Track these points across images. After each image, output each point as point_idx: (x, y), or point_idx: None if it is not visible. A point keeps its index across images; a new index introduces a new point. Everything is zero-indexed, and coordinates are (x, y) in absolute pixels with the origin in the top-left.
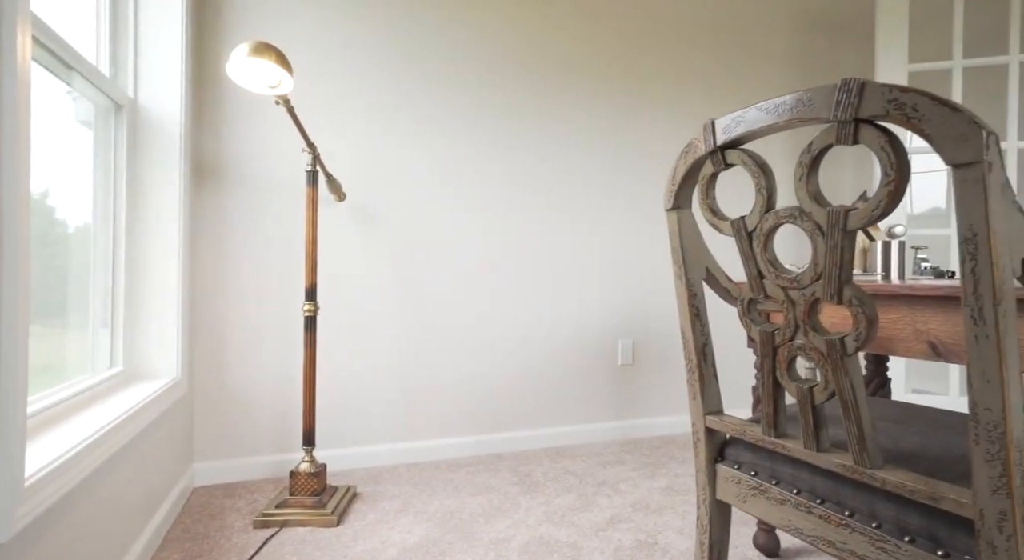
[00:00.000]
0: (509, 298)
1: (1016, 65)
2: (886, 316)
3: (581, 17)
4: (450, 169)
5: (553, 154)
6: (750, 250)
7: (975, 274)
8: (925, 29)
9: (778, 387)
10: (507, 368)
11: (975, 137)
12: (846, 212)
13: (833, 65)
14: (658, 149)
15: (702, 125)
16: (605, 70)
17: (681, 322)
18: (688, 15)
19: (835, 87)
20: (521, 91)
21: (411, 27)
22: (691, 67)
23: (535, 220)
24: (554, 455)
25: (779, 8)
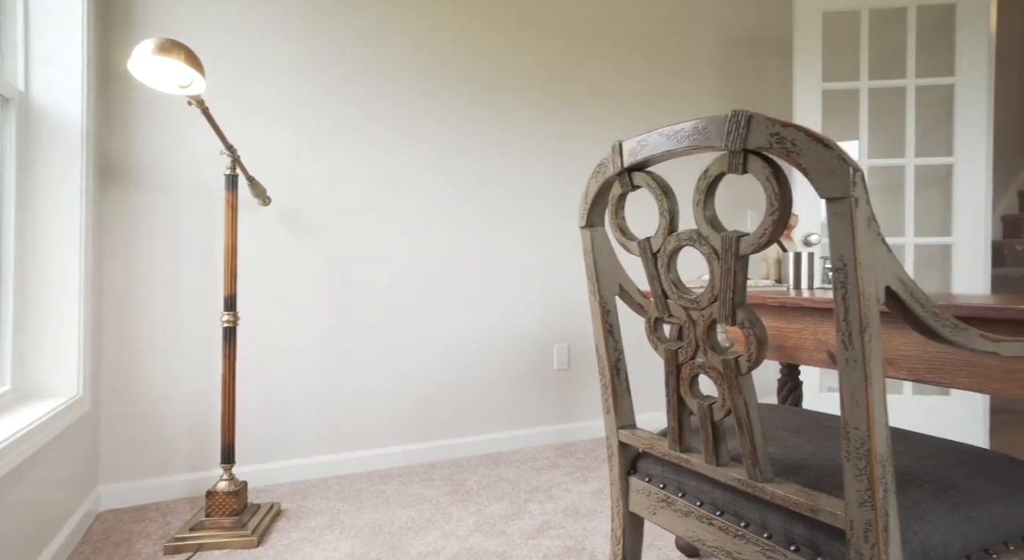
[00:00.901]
0: (445, 304)
1: (912, 88)
2: (792, 327)
3: (520, 28)
4: (384, 175)
5: (491, 161)
6: (655, 270)
7: (845, 302)
8: (839, 50)
9: (683, 403)
10: (442, 375)
11: (844, 173)
12: (737, 238)
13: (759, 78)
14: (595, 157)
15: (611, 146)
16: (543, 80)
17: (595, 338)
18: (624, 28)
19: (726, 118)
20: (459, 99)
21: (346, 32)
22: (627, 78)
23: (471, 226)
24: (490, 462)
25: (708, 24)
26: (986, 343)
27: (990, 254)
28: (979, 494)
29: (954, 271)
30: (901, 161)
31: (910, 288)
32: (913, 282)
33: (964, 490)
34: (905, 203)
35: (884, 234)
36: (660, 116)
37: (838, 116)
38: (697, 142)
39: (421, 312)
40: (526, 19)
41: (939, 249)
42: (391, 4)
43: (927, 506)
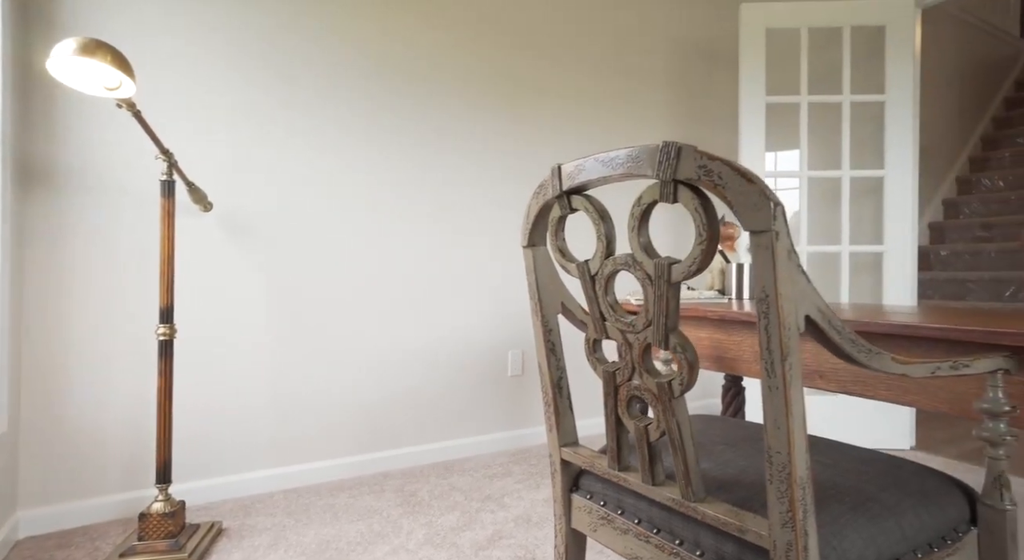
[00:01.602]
0: (397, 311)
1: (848, 104)
2: (731, 339)
3: (470, 32)
4: (332, 180)
5: (442, 165)
6: (593, 293)
7: (767, 331)
8: (783, 65)
9: (621, 423)
10: (394, 383)
11: (765, 207)
12: (669, 265)
13: (709, 88)
14: (547, 163)
15: (550, 169)
16: (495, 85)
17: (538, 357)
18: (575, 34)
19: (658, 148)
20: (410, 104)
21: (290, 35)
22: (581, 84)
23: (423, 232)
24: (442, 470)
25: (659, 34)
26: (897, 366)
27: (916, 260)
28: (892, 505)
29: (885, 277)
30: (838, 173)
31: (828, 317)
32: (831, 311)
33: (880, 502)
34: (842, 213)
35: (824, 242)
36: (614, 122)
37: (782, 127)
38: (631, 170)
39: (372, 319)
40: (480, 23)
41: (872, 256)
42: (338, 5)
43: (846, 520)
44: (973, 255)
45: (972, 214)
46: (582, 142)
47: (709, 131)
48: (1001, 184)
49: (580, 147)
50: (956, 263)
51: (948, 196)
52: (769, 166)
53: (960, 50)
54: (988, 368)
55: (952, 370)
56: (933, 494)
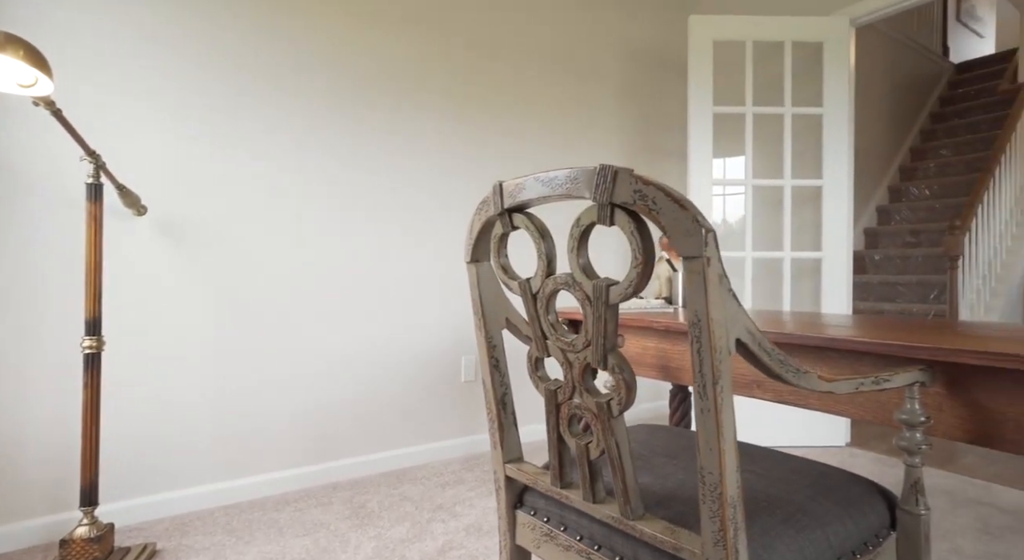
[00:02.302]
0: (344, 317)
1: (789, 116)
2: (676, 349)
3: (421, 33)
4: (275, 183)
5: (392, 168)
6: (535, 311)
7: (700, 355)
8: (731, 76)
9: (563, 441)
10: (344, 391)
11: (697, 234)
12: (607, 287)
13: (660, 95)
14: (499, 167)
15: (492, 186)
16: (447, 89)
17: (481, 373)
18: (530, 38)
19: (595, 171)
20: (356, 107)
21: (227, 34)
22: (532, 89)
23: (373, 236)
24: (394, 480)
25: (612, 42)
26: (823, 384)
27: (852, 266)
28: (819, 515)
29: (823, 282)
30: (780, 182)
31: (758, 339)
32: (761, 333)
33: (808, 513)
34: (784, 220)
35: (768, 249)
36: (568, 125)
37: (730, 135)
38: (570, 191)
39: (319, 326)
40: (431, 23)
41: (812, 261)
42: (280, 4)
43: (776, 533)
44: (903, 260)
45: (902, 221)
46: (536, 145)
47: (660, 137)
48: (927, 193)
49: (534, 150)
50: (888, 267)
51: (881, 203)
52: (719, 171)
53: (892, 67)
54: (906, 381)
55: (874, 385)
56: (857, 502)
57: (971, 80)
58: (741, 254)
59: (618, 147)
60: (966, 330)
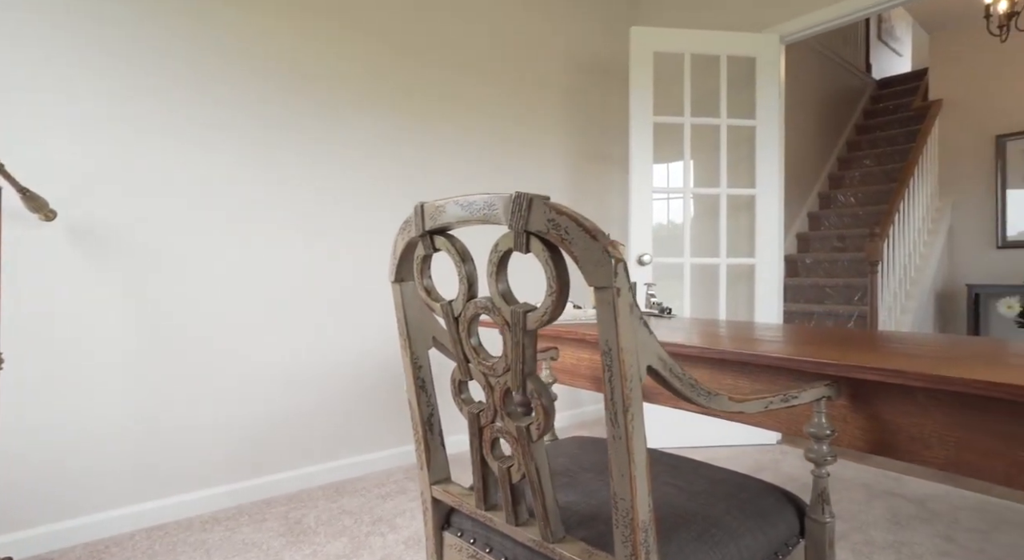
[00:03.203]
0: (280, 326)
1: (725, 127)
2: None
3: (366, 39)
4: (203, 185)
5: (330, 173)
6: (457, 335)
7: (611, 383)
8: (671, 86)
9: (487, 463)
10: (279, 404)
11: (607, 264)
12: (525, 313)
13: (604, 103)
14: (441, 172)
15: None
16: (388, 93)
17: (407, 393)
18: (473, 47)
19: (511, 198)
20: (296, 109)
21: (150, 27)
22: (477, 94)
23: (311, 241)
24: (333, 493)
25: (556, 50)
26: (733, 405)
27: (783, 272)
28: (734, 529)
29: (756, 287)
30: (717, 190)
31: (669, 365)
32: (672, 361)
33: (723, 527)
34: (720, 228)
35: (704, 255)
36: (514, 132)
37: (670, 143)
38: (487, 217)
39: (253, 334)
40: (366, 30)
41: (747, 267)
42: (207, 3)
43: (691, 550)
44: (831, 263)
45: (831, 226)
46: (479, 152)
47: (605, 144)
48: (852, 200)
49: (478, 157)
50: (818, 270)
51: (812, 210)
52: (665, 175)
53: (821, 80)
54: (814, 397)
55: (783, 403)
56: (769, 513)
57: (890, 95)
58: (680, 260)
59: (563, 154)
60: (876, 342)
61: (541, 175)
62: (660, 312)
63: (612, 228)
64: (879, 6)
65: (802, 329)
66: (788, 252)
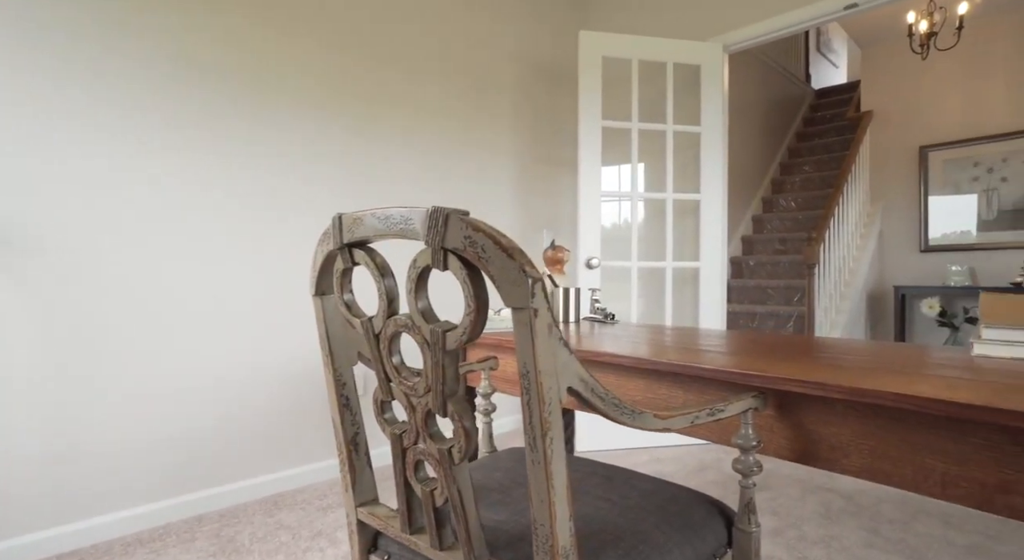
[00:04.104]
0: (212, 335)
1: (671, 133)
2: None
3: (300, 36)
4: (126, 190)
5: (259, 176)
6: (378, 353)
7: (529, 407)
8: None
9: (410, 486)
10: (211, 413)
11: (523, 284)
12: (444, 333)
13: (555, 106)
14: (387, 175)
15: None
16: (327, 94)
17: (331, 412)
18: (418, 46)
19: (427, 213)
20: (238, 108)
21: (57, 6)
22: (424, 94)
23: (242, 246)
24: (270, 506)
25: (506, 52)
26: (659, 422)
27: (726, 275)
28: (662, 544)
29: (701, 290)
30: (663, 195)
31: (591, 386)
32: (593, 380)
33: (651, 543)
34: (666, 232)
35: (652, 258)
36: (461, 134)
37: (621, 147)
38: (404, 231)
39: (180, 340)
40: (307, 25)
41: (692, 270)
42: None
43: None
44: (773, 265)
45: (772, 230)
46: (427, 154)
47: (555, 147)
48: (793, 205)
49: (425, 159)
50: (760, 272)
51: (756, 213)
52: (616, 178)
53: (765, 89)
54: (741, 409)
55: (709, 417)
56: (698, 525)
57: (828, 105)
58: (627, 264)
59: (514, 157)
60: (806, 350)
61: (491, 178)
62: (604, 318)
63: (563, 231)
64: (814, 21)
65: (738, 337)
66: (733, 254)
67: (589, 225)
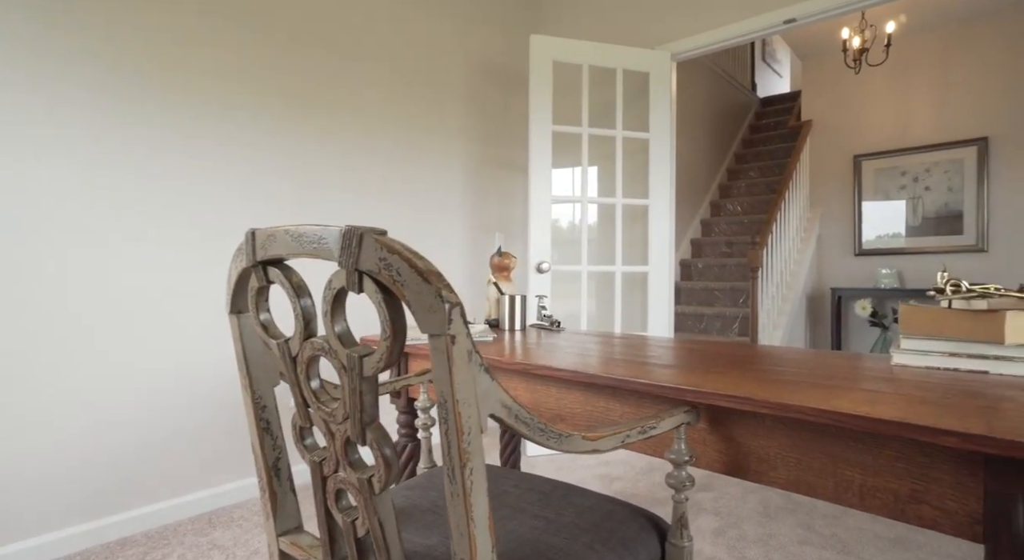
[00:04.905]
0: (133, 347)
1: (620, 138)
2: None
3: (242, 33)
4: (41, 187)
5: (191, 170)
6: (295, 377)
7: (447, 437)
8: (571, 96)
9: (332, 515)
10: (138, 430)
11: (440, 310)
12: (361, 358)
13: (507, 109)
14: (331, 180)
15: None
16: (269, 94)
17: (251, 438)
18: (367, 46)
19: (341, 232)
20: (169, 105)
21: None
22: (375, 94)
23: (170, 251)
24: (204, 525)
25: (456, 53)
26: (587, 444)
27: (674, 280)
28: None
29: (649, 294)
30: (612, 200)
31: (515, 412)
32: (517, 406)
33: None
34: (616, 236)
35: (602, 263)
36: (412, 137)
37: (573, 150)
38: (317, 251)
39: (101, 353)
40: (251, 21)
41: (641, 274)
42: None
43: None
44: (720, 268)
45: (720, 233)
46: (376, 156)
47: (507, 150)
48: (739, 209)
49: (373, 162)
50: (708, 274)
51: (705, 217)
52: (566, 182)
53: (713, 96)
54: (673, 425)
55: (641, 435)
56: (632, 541)
57: (772, 113)
58: (578, 268)
59: (466, 160)
60: (743, 360)
61: (443, 181)
62: (550, 326)
63: (515, 234)
64: (756, 34)
65: (679, 347)
66: (683, 256)
67: (539, 229)
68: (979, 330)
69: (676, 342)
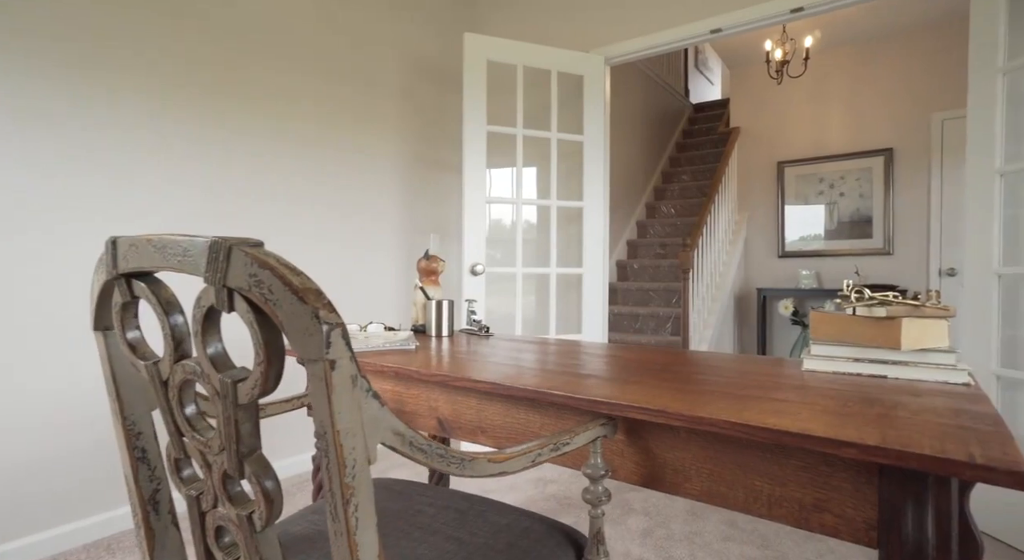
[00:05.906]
0: (26, 359)
1: (555, 140)
2: (410, 392)
3: (157, 16)
4: None
5: (112, 166)
6: (166, 403)
7: (328, 471)
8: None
9: (212, 555)
10: (22, 452)
11: (318, 333)
12: (234, 384)
13: (442, 108)
14: (257, 181)
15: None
16: (184, 86)
17: (123, 468)
18: (292, 36)
19: (208, 245)
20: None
21: None
22: (304, 88)
23: (76, 256)
24: (102, 551)
25: (390, 50)
26: (493, 466)
27: (607, 281)
28: None
29: (584, 295)
30: (547, 202)
31: (409, 438)
32: (412, 433)
33: None
34: (551, 239)
35: (537, 265)
36: (341, 135)
37: (509, 151)
38: (183, 264)
39: None
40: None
41: (576, 275)
42: None
43: None
44: (655, 268)
45: (655, 235)
46: (303, 155)
47: (442, 150)
48: (672, 211)
49: (301, 161)
50: (643, 275)
51: (640, 219)
52: (505, 183)
53: (649, 101)
54: (588, 440)
55: (554, 452)
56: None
57: (704, 119)
58: (513, 269)
59: (400, 159)
60: (666, 368)
61: (376, 181)
62: (479, 331)
63: (451, 235)
64: (686, 41)
65: (605, 354)
66: (619, 257)
67: (474, 230)
68: (879, 336)
69: (603, 349)
